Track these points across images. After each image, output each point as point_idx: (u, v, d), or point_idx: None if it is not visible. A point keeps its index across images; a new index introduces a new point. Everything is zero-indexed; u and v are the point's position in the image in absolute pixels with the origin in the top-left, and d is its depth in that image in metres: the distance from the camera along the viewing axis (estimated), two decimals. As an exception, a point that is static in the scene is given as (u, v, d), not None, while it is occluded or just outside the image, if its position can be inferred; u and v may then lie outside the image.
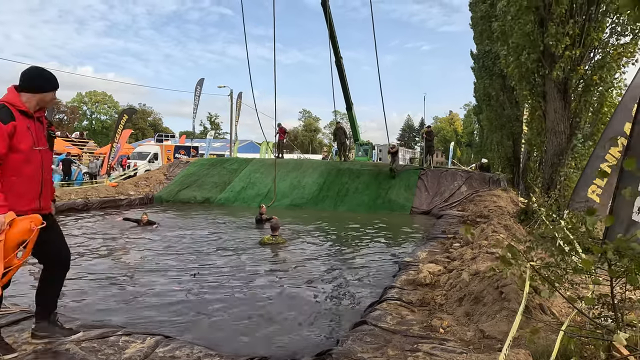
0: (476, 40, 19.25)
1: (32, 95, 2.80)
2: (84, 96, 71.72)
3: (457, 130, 77.35)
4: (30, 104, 2.79)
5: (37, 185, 2.83)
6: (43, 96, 2.86)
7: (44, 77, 2.89)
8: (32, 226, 2.63)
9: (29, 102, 2.79)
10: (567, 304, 3.62)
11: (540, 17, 9.05)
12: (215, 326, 4.03)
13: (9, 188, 2.64)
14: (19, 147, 2.68)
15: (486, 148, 23.67)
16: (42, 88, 2.86)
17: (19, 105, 2.74)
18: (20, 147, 2.68)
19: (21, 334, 3.09)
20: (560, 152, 9.27)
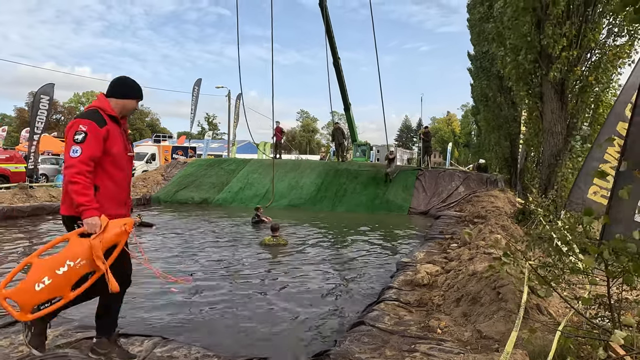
0: (473, 41, 19.33)
1: (117, 101, 2.87)
2: (81, 96, 71.55)
3: (455, 131, 77.48)
4: (117, 110, 2.86)
5: (125, 191, 2.91)
6: (126, 103, 2.92)
7: (128, 85, 2.96)
8: (126, 229, 2.63)
9: (116, 107, 2.86)
10: (564, 304, 3.64)
11: (538, 18, 9.08)
12: (213, 327, 4.03)
13: (103, 192, 2.68)
14: (111, 152, 2.73)
15: (484, 148, 23.77)
16: (126, 95, 2.92)
17: (109, 111, 2.80)
18: (113, 152, 2.74)
19: (17, 336, 3.08)
20: (557, 152, 9.31)
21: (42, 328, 2.70)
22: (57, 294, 2.46)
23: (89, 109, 2.78)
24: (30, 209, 11.26)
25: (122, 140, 2.84)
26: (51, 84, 13.98)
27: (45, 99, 13.63)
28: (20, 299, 2.37)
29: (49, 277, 2.42)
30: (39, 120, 13.48)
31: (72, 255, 2.50)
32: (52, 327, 3.24)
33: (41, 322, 2.65)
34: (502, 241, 5.49)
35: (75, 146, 2.56)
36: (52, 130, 43.29)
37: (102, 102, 2.82)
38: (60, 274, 2.43)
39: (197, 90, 27.63)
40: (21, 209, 11.06)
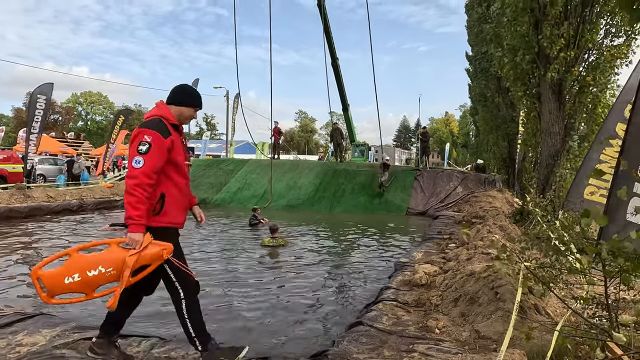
0: (471, 42, 19.37)
1: (176, 108, 2.83)
2: (79, 97, 71.42)
3: (453, 131, 77.63)
4: (176, 118, 2.81)
5: (187, 198, 2.90)
6: (184, 110, 2.85)
7: (188, 92, 2.91)
8: (164, 254, 2.59)
9: (175, 115, 2.81)
10: (561, 304, 3.64)
11: (535, 19, 9.09)
12: (211, 328, 4.01)
13: (169, 200, 2.68)
14: (176, 161, 2.70)
15: (482, 149, 23.82)
16: (185, 102, 2.86)
17: (171, 119, 2.76)
18: (177, 161, 2.72)
19: (15, 336, 3.07)
20: (555, 153, 9.32)
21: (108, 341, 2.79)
22: (81, 291, 2.53)
23: (152, 118, 2.71)
24: (28, 210, 11.22)
25: (183, 149, 2.82)
26: (49, 84, 13.92)
27: (42, 99, 13.57)
28: (49, 284, 2.46)
29: (79, 275, 2.49)
30: (36, 120, 13.42)
31: (106, 261, 2.53)
32: (49, 328, 3.24)
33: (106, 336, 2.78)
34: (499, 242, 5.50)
35: (139, 157, 2.52)
36: (50, 130, 43.16)
37: (164, 111, 2.76)
38: (90, 276, 2.49)
39: None
40: (19, 209, 11.03)
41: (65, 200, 12.82)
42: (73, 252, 2.55)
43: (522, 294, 3.37)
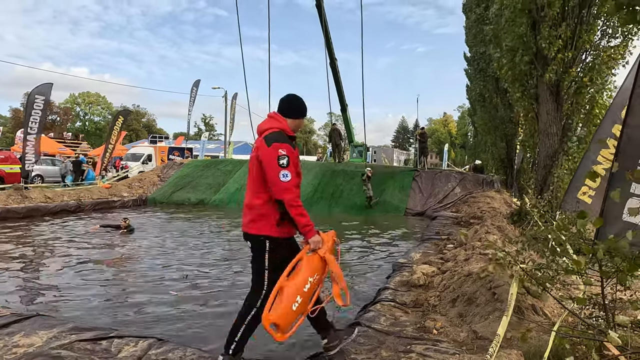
0: (469, 43, 19.40)
1: (292, 121, 2.92)
2: (77, 97, 71.27)
3: (451, 132, 77.74)
4: (292, 129, 2.92)
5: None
6: (299, 122, 2.98)
7: (301, 104, 2.98)
8: (337, 241, 2.88)
9: (291, 127, 2.91)
10: (559, 305, 3.65)
11: (533, 20, 9.13)
12: (209, 329, 4.01)
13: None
14: (298, 172, 2.86)
15: (480, 149, 23.85)
16: (300, 114, 2.97)
17: (289, 132, 2.86)
18: (299, 172, 2.87)
19: (11, 337, 3.06)
20: (552, 153, 9.35)
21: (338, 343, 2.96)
22: (303, 310, 2.68)
23: (276, 131, 2.78)
24: (25, 210, 11.19)
25: (298, 161, 2.89)
26: (48, 84, 13.86)
27: (40, 99, 13.52)
28: (282, 322, 2.53)
29: (300, 296, 2.58)
30: (33, 121, 13.34)
31: (311, 271, 2.69)
32: (46, 329, 3.23)
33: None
34: (497, 242, 5.51)
35: (284, 170, 2.66)
36: (48, 131, 43.07)
37: (283, 124, 2.85)
38: (305, 292, 2.63)
39: (195, 91, 27.57)
40: (16, 210, 11.00)
41: (63, 201, 12.79)
42: (284, 283, 2.60)
43: (520, 294, 3.38)
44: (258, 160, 2.76)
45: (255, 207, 2.79)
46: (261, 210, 2.76)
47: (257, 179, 2.80)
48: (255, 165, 2.80)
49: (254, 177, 2.82)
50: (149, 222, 11.12)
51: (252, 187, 2.84)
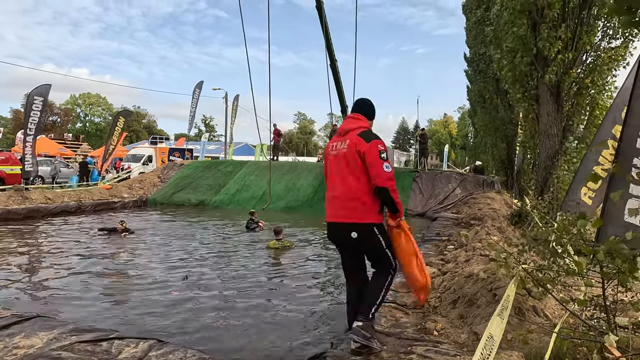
0: (470, 43, 19.39)
1: (371, 122, 3.37)
2: (78, 98, 71.32)
3: (452, 133, 77.74)
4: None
5: None
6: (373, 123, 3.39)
7: (374, 107, 3.42)
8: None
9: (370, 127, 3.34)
10: (560, 306, 3.64)
11: (533, 21, 9.13)
12: (210, 330, 4.01)
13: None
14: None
15: (480, 150, 23.82)
16: (374, 116, 3.42)
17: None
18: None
19: (12, 339, 3.05)
20: (553, 154, 9.34)
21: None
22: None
23: (366, 130, 3.20)
24: (26, 211, 11.20)
25: None
26: (47, 85, 13.86)
27: (39, 100, 13.51)
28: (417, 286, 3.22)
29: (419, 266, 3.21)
30: (32, 122, 13.34)
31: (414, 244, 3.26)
32: (47, 330, 3.23)
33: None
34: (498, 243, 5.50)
35: (387, 163, 3.02)
36: (49, 132, 43.10)
37: (367, 124, 3.29)
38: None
39: (198, 93, 27.47)
40: (16, 211, 11.00)
41: (64, 202, 12.79)
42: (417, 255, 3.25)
43: (521, 296, 3.38)
44: (359, 155, 3.04)
45: (355, 198, 3.06)
46: (361, 200, 3.04)
47: (355, 171, 3.07)
48: (352, 159, 3.07)
49: (351, 171, 3.08)
50: (149, 223, 11.12)
51: (347, 180, 3.10)
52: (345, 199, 3.10)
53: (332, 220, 3.23)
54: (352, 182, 3.07)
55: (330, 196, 3.23)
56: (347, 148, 3.11)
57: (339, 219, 3.15)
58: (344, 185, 3.12)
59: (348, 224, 3.08)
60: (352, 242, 3.11)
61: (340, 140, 3.23)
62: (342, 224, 3.13)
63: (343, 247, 3.31)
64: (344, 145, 3.16)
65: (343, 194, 3.11)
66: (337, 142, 3.25)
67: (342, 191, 3.12)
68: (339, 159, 3.17)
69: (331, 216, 3.23)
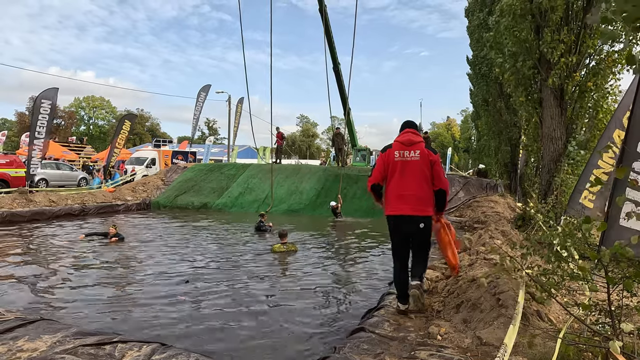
0: (472, 46, 19.40)
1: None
2: (82, 101, 71.65)
3: (455, 136, 77.60)
4: None
5: None
6: None
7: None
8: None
9: None
10: (564, 310, 3.62)
11: (536, 25, 9.12)
12: (213, 334, 4.01)
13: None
14: None
15: (483, 154, 23.77)
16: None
17: None
18: None
19: (15, 342, 3.06)
20: (556, 158, 9.31)
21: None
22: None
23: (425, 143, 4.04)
24: (30, 214, 11.25)
25: None
26: (54, 89, 13.96)
27: (47, 104, 13.62)
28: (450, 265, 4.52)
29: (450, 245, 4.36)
30: (40, 125, 13.45)
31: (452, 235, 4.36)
32: (50, 334, 3.24)
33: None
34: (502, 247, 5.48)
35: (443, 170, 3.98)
36: (53, 135, 43.30)
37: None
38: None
39: (203, 96, 27.42)
40: (21, 213, 11.05)
41: (67, 205, 12.84)
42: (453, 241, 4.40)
43: (525, 300, 3.36)
44: (430, 164, 3.89)
45: (425, 197, 3.91)
46: (429, 199, 3.93)
47: (427, 176, 3.90)
48: (426, 167, 3.89)
49: (424, 176, 3.90)
50: (152, 226, 11.15)
51: (420, 182, 3.90)
52: (418, 197, 3.87)
53: (402, 213, 3.91)
54: (424, 185, 3.88)
55: (400, 194, 3.92)
56: (420, 157, 3.89)
57: (410, 212, 3.88)
58: (418, 186, 3.88)
59: (419, 217, 3.88)
60: (418, 230, 3.92)
61: (407, 149, 3.95)
62: (414, 216, 3.88)
63: (406, 234, 4.01)
64: (415, 155, 3.92)
65: (417, 193, 3.88)
66: (403, 150, 3.96)
67: (416, 191, 3.88)
68: (412, 165, 3.91)
69: (400, 210, 3.92)
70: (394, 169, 3.99)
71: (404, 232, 4.01)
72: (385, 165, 4.06)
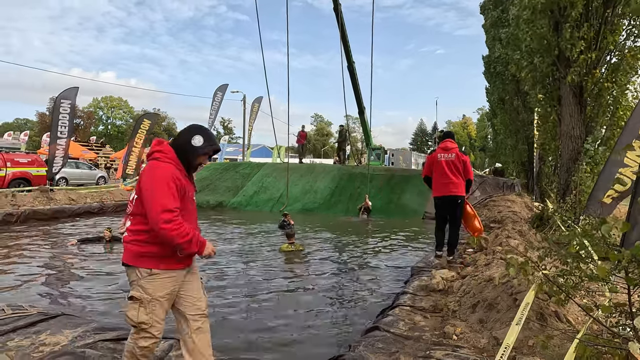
0: (488, 44, 19.14)
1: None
2: (100, 101, 72.93)
3: (471, 135, 76.73)
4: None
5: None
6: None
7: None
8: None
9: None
10: (583, 312, 3.56)
11: (555, 21, 8.95)
12: (228, 331, 4.05)
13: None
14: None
15: (500, 152, 23.44)
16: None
17: None
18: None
19: (38, 336, 3.15)
20: (576, 156, 9.13)
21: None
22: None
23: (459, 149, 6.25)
24: (51, 212, 11.51)
25: None
26: (74, 88, 14.24)
27: (67, 104, 13.91)
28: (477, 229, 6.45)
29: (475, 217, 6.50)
30: (62, 125, 13.75)
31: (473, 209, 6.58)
32: (71, 328, 3.32)
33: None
34: (519, 247, 5.41)
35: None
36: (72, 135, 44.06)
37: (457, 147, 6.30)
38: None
39: (220, 96, 27.33)
40: (42, 211, 11.32)
41: (87, 203, 13.10)
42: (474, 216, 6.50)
43: (543, 301, 3.32)
44: (462, 163, 6.06)
45: (459, 183, 6.06)
46: (461, 185, 6.09)
47: (460, 170, 6.05)
48: (460, 164, 6.05)
49: (458, 170, 6.04)
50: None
51: (455, 174, 6.03)
52: (456, 184, 6.02)
53: (445, 194, 6.07)
54: (459, 176, 6.07)
55: (444, 182, 6.04)
56: (455, 158, 6.05)
57: (451, 194, 6.03)
58: (455, 177, 6.02)
59: (457, 196, 6.05)
60: (456, 205, 6.09)
61: (446, 152, 6.09)
62: (454, 196, 6.03)
63: (447, 208, 6.18)
64: (451, 156, 6.06)
65: (455, 181, 6.02)
66: (443, 153, 6.10)
67: (454, 180, 6.02)
68: (450, 163, 6.04)
69: (445, 192, 6.07)
70: (438, 166, 6.09)
71: (446, 207, 6.18)
72: (432, 163, 6.21)
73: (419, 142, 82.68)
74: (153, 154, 2.46)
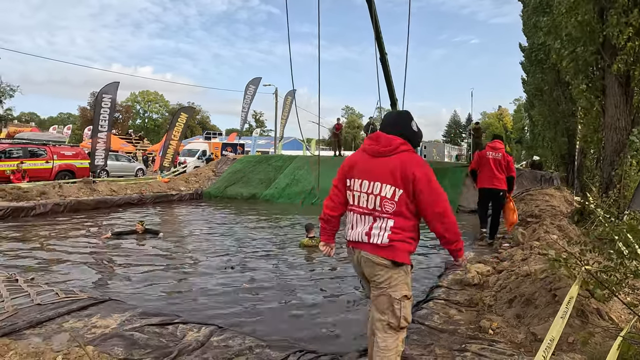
0: (527, 32, 18.47)
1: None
2: (137, 95, 75.31)
3: (507, 126, 74.42)
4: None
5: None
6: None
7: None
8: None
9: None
10: (628, 310, 3.46)
11: (600, 7, 8.56)
12: (266, 319, 4.17)
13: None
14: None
15: (537, 145, 22.70)
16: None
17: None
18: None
19: (90, 319, 3.35)
20: (620, 149, 8.75)
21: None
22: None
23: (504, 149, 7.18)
24: (94, 202, 12.06)
25: None
26: (115, 83, 14.77)
27: (107, 98, 14.46)
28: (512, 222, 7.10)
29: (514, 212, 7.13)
30: (103, 119, 14.32)
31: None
32: (119, 313, 3.51)
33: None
34: (557, 242, 5.27)
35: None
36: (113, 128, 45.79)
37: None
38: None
39: (252, 89, 27.54)
40: (86, 202, 11.87)
41: (127, 194, 13.64)
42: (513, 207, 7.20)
43: (584, 298, 3.24)
44: (506, 161, 6.95)
45: (502, 179, 6.93)
46: (504, 180, 6.95)
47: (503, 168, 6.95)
48: (504, 163, 6.95)
49: (502, 168, 6.95)
50: (204, 215, 11.63)
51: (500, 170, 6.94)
52: (499, 178, 6.93)
53: (489, 187, 7.01)
54: (503, 172, 6.94)
55: (488, 176, 6.99)
56: (502, 157, 6.95)
57: (494, 187, 6.95)
58: (499, 173, 6.92)
59: (499, 189, 6.96)
60: (498, 196, 7.00)
61: (494, 151, 7.00)
62: (496, 189, 6.96)
63: (491, 197, 7.14)
64: (498, 155, 6.96)
65: (498, 176, 6.92)
66: (491, 151, 7.01)
67: (498, 175, 6.91)
68: (496, 161, 6.94)
69: (489, 185, 7.00)
70: (485, 162, 7.05)
71: (490, 196, 7.13)
72: (480, 159, 7.16)
73: (453, 134, 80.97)
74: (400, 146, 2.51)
